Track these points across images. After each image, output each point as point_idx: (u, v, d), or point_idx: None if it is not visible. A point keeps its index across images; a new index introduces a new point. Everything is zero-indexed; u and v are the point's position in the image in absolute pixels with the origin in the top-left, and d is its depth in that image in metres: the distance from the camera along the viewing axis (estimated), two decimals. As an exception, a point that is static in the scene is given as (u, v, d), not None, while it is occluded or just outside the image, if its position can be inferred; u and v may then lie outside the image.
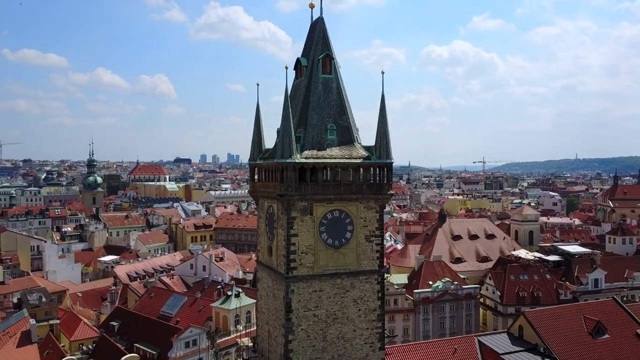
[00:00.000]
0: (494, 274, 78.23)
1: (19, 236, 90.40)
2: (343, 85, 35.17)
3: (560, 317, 42.09)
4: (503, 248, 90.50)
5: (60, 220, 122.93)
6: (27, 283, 75.55)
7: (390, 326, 73.45)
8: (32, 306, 65.51)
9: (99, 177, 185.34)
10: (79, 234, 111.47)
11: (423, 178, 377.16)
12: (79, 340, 60.68)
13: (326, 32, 35.04)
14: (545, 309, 46.41)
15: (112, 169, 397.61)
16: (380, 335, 34.39)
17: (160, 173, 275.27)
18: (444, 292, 74.61)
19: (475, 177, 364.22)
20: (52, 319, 66.06)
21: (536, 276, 77.18)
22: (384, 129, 33.86)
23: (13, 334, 52.41)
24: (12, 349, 49.77)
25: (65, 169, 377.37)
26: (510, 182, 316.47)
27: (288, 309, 32.12)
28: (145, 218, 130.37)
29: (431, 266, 79.36)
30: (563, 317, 42.28)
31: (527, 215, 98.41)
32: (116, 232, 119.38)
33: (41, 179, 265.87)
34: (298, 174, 32.08)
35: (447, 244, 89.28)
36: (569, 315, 42.25)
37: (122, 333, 60.68)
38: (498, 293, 75.74)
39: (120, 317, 63.39)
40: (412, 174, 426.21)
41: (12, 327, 54.57)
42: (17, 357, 48.67)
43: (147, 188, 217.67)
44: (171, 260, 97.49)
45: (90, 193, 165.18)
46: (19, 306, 65.22)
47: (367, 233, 33.86)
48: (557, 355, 39.78)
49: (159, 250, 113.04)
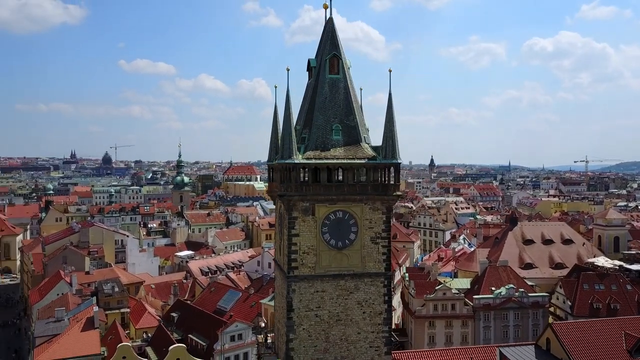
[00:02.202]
0: (565, 282, 72.66)
1: (105, 231, 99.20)
2: (352, 85, 34.86)
3: (596, 332, 38.06)
4: (581, 255, 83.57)
5: (148, 217, 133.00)
6: (108, 274, 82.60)
7: (448, 332, 71.11)
8: (105, 295, 72.00)
9: (186, 177, 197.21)
10: (163, 230, 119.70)
11: (518, 179, 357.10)
12: (143, 329, 65.33)
13: (335, 33, 34.93)
14: (579, 322, 42.34)
15: (211, 169, 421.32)
16: (386, 340, 33.67)
17: (251, 173, 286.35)
18: (508, 299, 70.55)
19: (579, 177, 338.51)
20: (123, 307, 72.26)
21: (614, 286, 70.53)
22: (391, 129, 33.11)
23: (81, 319, 57.73)
24: (76, 332, 54.85)
25: (169, 169, 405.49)
26: (618, 183, 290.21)
27: (289, 308, 32.52)
28: (225, 216, 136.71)
29: (496, 271, 75.44)
30: (599, 331, 38.17)
31: (612, 220, 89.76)
32: (198, 229, 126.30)
33: (143, 179, 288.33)
34: (299, 174, 32.35)
35: (517, 249, 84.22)
36: (608, 330, 38.06)
37: (180, 324, 64.45)
38: (569, 303, 70.27)
39: (180, 309, 67.34)
40: (508, 174, 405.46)
41: (81, 312, 60.22)
42: (80, 340, 53.54)
43: (237, 187, 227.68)
44: (242, 256, 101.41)
45: (178, 192, 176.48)
46: (96, 294, 71.79)
47: (373, 235, 33.31)
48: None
49: (235, 247, 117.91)
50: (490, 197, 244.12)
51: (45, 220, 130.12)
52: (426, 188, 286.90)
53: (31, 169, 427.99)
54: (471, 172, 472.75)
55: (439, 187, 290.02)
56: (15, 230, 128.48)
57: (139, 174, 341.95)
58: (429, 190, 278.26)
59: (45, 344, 54.03)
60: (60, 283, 75.11)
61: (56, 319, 59.27)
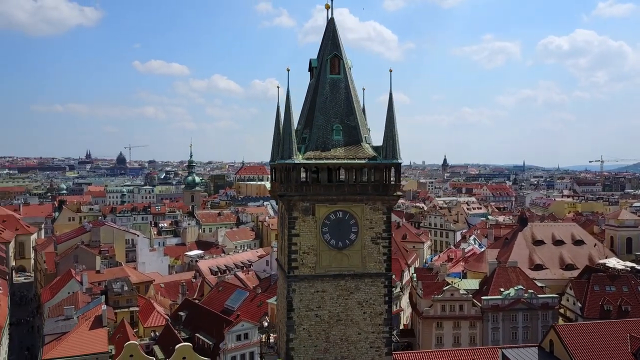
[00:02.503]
0: (575, 283, 71.79)
1: (116, 230, 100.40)
2: (353, 85, 34.81)
3: (600, 334, 37.50)
4: (593, 256, 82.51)
5: (159, 216, 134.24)
6: (118, 273, 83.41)
7: (455, 333, 70.69)
8: (115, 294, 72.66)
9: (197, 177, 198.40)
10: (174, 230, 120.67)
11: (532, 179, 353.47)
12: (151, 327, 65.90)
13: (336, 33, 34.92)
14: (582, 324, 41.84)
15: (224, 169, 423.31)
16: (387, 340, 33.56)
17: (263, 173, 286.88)
18: (516, 300, 69.90)
19: (594, 177, 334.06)
20: (132, 306, 72.85)
21: (626, 288, 69.55)
22: (391, 129, 33.02)
23: (89, 317, 58.36)
24: (85, 330, 55.45)
25: (182, 170, 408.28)
26: (634, 183, 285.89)
27: (289, 307, 32.59)
28: (236, 215, 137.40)
29: (505, 272, 74.81)
30: (604, 333, 37.61)
31: (624, 221, 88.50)
32: (208, 228, 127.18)
33: (156, 179, 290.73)
34: (299, 174, 32.42)
35: (526, 249, 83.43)
36: (612, 333, 37.47)
37: (187, 323, 64.90)
38: (579, 305, 69.44)
39: (187, 308, 67.82)
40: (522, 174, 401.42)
41: (90, 311, 60.83)
42: (88, 339, 54.12)
43: (248, 187, 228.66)
44: (252, 256, 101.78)
45: (189, 192, 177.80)
46: (105, 293, 72.56)
47: (374, 235, 33.24)
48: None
49: (245, 246, 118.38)
50: (503, 198, 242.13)
51: (59, 219, 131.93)
52: (438, 188, 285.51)
53: (47, 169, 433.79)
54: (485, 172, 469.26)
55: (451, 187, 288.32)
56: (29, 230, 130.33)
57: (152, 174, 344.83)
58: (441, 190, 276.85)
59: (54, 341, 54.70)
60: (71, 282, 75.98)
61: (65, 317, 60.01)
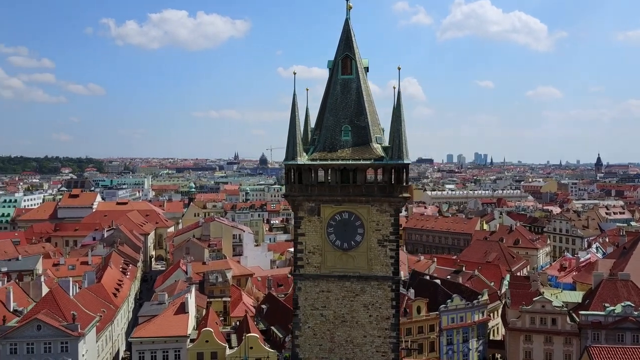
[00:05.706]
0: (700, 303, 61.24)
1: (224, 225, 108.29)
2: (365, 85, 34.27)
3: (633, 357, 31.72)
4: None
5: (273, 214, 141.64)
6: (221, 265, 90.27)
7: (547, 349, 64.70)
8: (210, 284, 78.99)
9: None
10: (284, 226, 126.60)
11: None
12: (236, 317, 70.58)
13: (350, 33, 34.66)
14: (620, 347, 35.56)
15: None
16: (394, 346, 32.57)
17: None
18: (623, 318, 61.90)
19: None
20: (225, 296, 78.52)
21: None
22: (399, 128, 31.98)
23: (176, 303, 64.51)
24: (170, 315, 61.58)
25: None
26: None
27: (295, 305, 33.30)
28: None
29: (612, 286, 66.44)
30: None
31: None
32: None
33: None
34: (309, 175, 32.93)
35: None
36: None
37: (267, 316, 68.42)
38: (703, 328, 59.19)
39: (269, 302, 71.43)
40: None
41: (179, 298, 67.07)
42: (170, 321, 60.14)
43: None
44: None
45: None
46: (202, 283, 79.28)
47: (380, 237, 32.49)
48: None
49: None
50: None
51: (186, 215, 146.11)
52: (583, 190, 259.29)
53: (200, 169, 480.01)
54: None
55: (598, 188, 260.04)
56: (167, 224, 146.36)
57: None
58: (586, 192, 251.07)
59: (145, 322, 61.63)
60: (178, 271, 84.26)
61: (159, 302, 67.04)
